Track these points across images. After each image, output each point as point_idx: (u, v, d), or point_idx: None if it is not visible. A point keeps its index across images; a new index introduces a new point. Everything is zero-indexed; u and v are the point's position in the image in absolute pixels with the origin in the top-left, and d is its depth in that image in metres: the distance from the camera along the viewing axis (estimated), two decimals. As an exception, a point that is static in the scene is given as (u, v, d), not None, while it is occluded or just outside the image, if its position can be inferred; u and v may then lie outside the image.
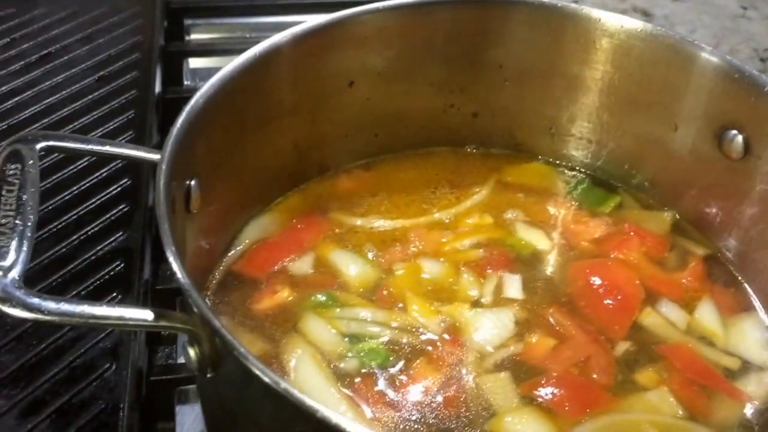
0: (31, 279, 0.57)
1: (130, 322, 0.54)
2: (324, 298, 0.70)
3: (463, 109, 0.82)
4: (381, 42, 0.76)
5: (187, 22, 1.14)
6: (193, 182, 0.66)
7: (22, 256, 0.55)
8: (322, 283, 0.72)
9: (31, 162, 0.60)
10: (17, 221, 0.56)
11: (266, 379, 0.48)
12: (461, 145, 0.84)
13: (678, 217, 0.78)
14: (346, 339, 0.67)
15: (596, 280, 0.73)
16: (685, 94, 0.74)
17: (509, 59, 0.78)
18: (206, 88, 0.66)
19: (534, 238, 0.77)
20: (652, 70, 0.75)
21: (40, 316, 0.52)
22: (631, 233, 0.77)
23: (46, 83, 0.96)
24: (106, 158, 0.64)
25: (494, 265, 0.74)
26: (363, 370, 0.65)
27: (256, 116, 0.73)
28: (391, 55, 0.77)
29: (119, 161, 0.84)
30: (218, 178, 0.70)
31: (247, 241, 0.75)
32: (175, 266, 0.54)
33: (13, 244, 0.55)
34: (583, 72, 0.78)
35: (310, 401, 0.47)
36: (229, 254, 0.74)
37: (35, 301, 0.52)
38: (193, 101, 0.65)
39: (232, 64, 0.69)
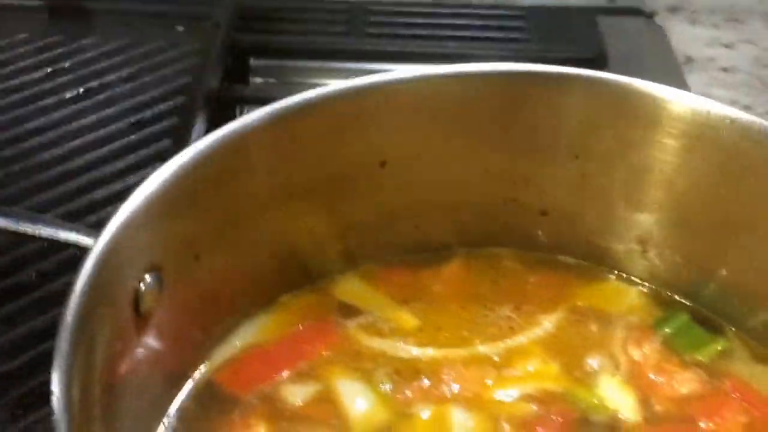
0: None
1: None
2: (307, 447, 0.54)
3: (528, 205, 0.65)
4: (420, 116, 0.60)
5: (255, 63, 1.02)
6: (148, 277, 0.52)
7: None
8: (314, 418, 0.56)
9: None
10: None
11: None
12: (525, 248, 0.67)
13: (804, 380, 0.59)
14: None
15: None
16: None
17: (587, 149, 0.61)
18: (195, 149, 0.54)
19: (612, 396, 0.58)
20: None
21: None
22: (734, 395, 0.58)
23: (73, 123, 0.86)
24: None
25: (548, 426, 0.56)
26: None
27: (257, 196, 0.59)
28: (433, 133, 0.61)
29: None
30: (199, 270, 0.57)
31: (237, 344, 0.61)
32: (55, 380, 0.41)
33: None
34: (682, 175, 0.59)
35: None
36: (212, 359, 0.60)
37: None
38: (168, 170, 0.52)
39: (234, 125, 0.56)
